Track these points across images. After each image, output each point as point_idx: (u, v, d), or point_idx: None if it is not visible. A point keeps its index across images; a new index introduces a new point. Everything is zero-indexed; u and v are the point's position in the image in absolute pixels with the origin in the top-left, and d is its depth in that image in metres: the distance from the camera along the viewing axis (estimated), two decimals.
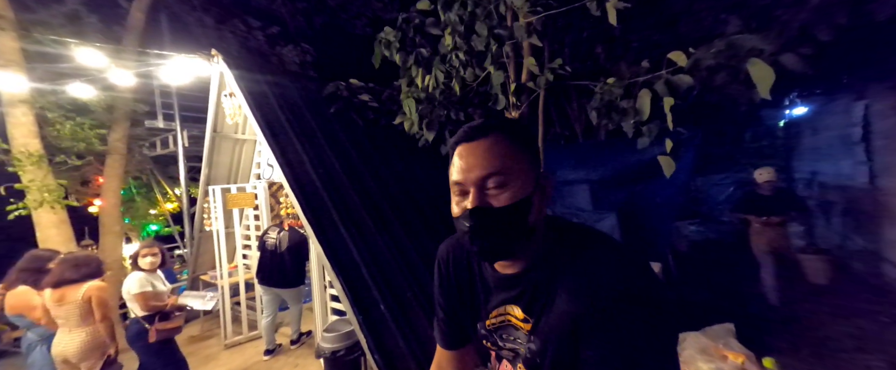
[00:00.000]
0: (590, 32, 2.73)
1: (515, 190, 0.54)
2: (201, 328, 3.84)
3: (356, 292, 2.19)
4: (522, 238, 0.55)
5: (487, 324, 0.66)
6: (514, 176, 0.54)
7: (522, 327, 0.60)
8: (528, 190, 0.54)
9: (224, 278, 3.39)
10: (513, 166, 0.54)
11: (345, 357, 2.21)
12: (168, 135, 5.59)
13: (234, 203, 3.30)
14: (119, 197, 4.20)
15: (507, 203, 0.53)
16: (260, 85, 2.96)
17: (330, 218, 2.46)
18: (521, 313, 0.60)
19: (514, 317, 0.62)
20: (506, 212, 0.53)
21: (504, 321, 0.64)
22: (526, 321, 0.59)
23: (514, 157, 0.55)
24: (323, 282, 2.81)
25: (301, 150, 2.71)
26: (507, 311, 0.63)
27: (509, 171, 0.54)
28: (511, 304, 0.62)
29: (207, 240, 3.86)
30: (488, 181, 0.54)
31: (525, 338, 0.60)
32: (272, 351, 3.15)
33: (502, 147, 0.55)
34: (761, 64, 1.27)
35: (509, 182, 0.54)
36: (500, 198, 0.54)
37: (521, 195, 0.54)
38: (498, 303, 0.64)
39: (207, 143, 3.52)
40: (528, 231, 0.55)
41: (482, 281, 0.67)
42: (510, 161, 0.54)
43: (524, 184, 0.54)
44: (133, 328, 2.20)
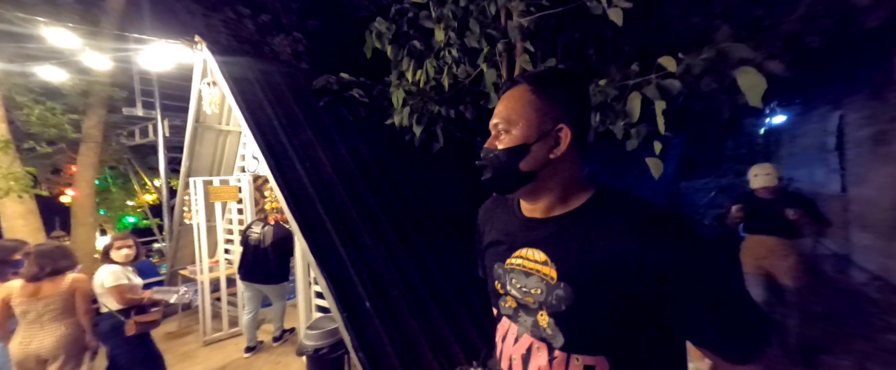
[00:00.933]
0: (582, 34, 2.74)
1: (512, 137, 0.61)
2: (179, 324, 3.71)
3: (341, 289, 2.15)
4: (515, 179, 0.61)
5: (506, 263, 0.67)
6: (516, 124, 0.61)
7: (541, 271, 0.60)
8: (528, 138, 0.60)
9: (204, 273, 3.29)
10: (518, 117, 0.61)
11: (328, 355, 2.18)
12: (147, 123, 5.38)
13: (216, 196, 3.19)
14: (93, 187, 4.02)
15: (502, 147, 0.62)
16: (246, 74, 2.86)
17: (316, 213, 2.41)
18: (542, 256, 0.60)
19: (532, 261, 0.62)
20: (500, 154, 0.62)
21: (520, 265, 0.64)
22: (545, 264, 0.59)
23: (525, 108, 0.61)
24: (308, 278, 2.75)
25: (288, 143, 2.64)
26: (525, 255, 0.63)
27: (511, 120, 0.61)
28: (532, 247, 0.62)
29: (187, 233, 3.73)
30: (498, 127, 0.63)
31: (539, 284, 0.60)
32: (253, 348, 3.07)
33: (517, 98, 0.62)
34: (752, 72, 1.29)
35: (510, 129, 0.61)
36: (501, 141, 0.62)
37: (516, 142, 0.60)
38: (520, 244, 0.65)
39: (189, 134, 3.39)
40: (521, 174, 0.60)
41: (512, 224, 0.69)
42: (517, 112, 0.61)
43: (525, 132, 0.60)
44: (106, 323, 2.10)
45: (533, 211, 0.66)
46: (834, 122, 3.51)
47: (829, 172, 3.63)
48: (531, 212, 0.66)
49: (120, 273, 2.12)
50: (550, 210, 0.63)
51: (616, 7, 1.61)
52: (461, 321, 2.52)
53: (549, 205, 0.63)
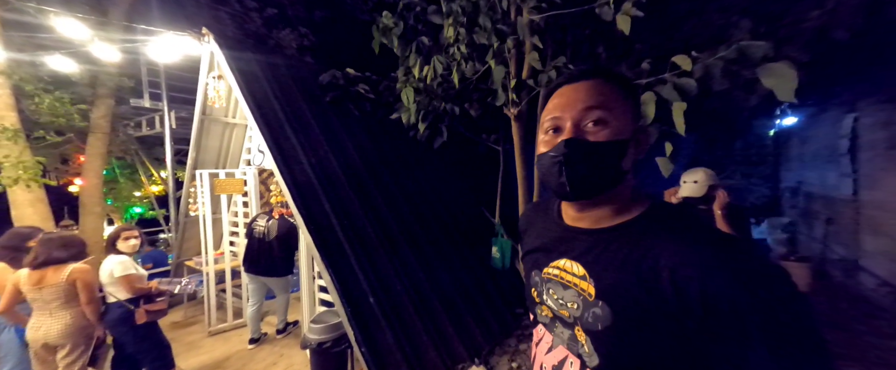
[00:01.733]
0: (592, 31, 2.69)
1: (614, 129, 0.54)
2: (184, 314, 3.76)
3: (345, 284, 2.16)
4: (612, 179, 0.54)
5: (543, 272, 0.63)
6: (615, 116, 0.54)
7: (578, 285, 0.56)
8: (626, 134, 0.54)
9: (209, 265, 3.32)
10: (614, 107, 0.54)
11: (331, 349, 2.19)
12: (154, 115, 5.41)
13: (222, 189, 3.21)
14: (101, 177, 4.06)
15: (606, 139, 0.53)
16: (253, 68, 2.85)
17: (321, 208, 2.41)
18: (581, 270, 0.56)
19: (570, 274, 0.58)
20: (602, 147, 0.53)
21: (558, 276, 0.60)
22: (584, 279, 0.55)
23: (616, 100, 0.55)
24: (312, 272, 2.77)
25: (294, 138, 2.64)
26: (563, 266, 0.59)
27: (610, 110, 0.54)
28: (573, 259, 0.58)
29: (193, 225, 3.76)
30: (588, 115, 0.54)
31: (576, 299, 0.56)
32: (257, 340, 3.10)
33: (605, 88, 0.55)
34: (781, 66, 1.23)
35: (609, 120, 0.54)
36: (599, 134, 0.54)
37: (620, 135, 0.54)
38: (559, 254, 0.61)
39: (196, 126, 3.40)
40: (620, 174, 0.54)
41: (553, 232, 0.65)
42: (612, 102, 0.54)
43: (623, 126, 0.54)
44: (115, 312, 2.13)
45: (578, 220, 0.60)
46: (848, 124, 3.44)
47: (840, 176, 3.57)
48: (575, 221, 0.61)
49: (128, 263, 2.15)
50: (599, 220, 0.58)
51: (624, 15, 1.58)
52: (465, 319, 2.52)
53: (602, 215, 0.57)
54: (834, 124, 3.68)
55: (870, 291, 3.11)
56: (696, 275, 0.46)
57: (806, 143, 4.43)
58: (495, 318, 2.69)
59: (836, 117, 3.64)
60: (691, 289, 0.45)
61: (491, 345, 2.52)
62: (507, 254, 2.61)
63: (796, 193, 4.58)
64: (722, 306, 0.44)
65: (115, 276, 2.10)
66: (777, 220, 4.55)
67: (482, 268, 2.88)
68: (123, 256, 2.15)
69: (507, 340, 2.62)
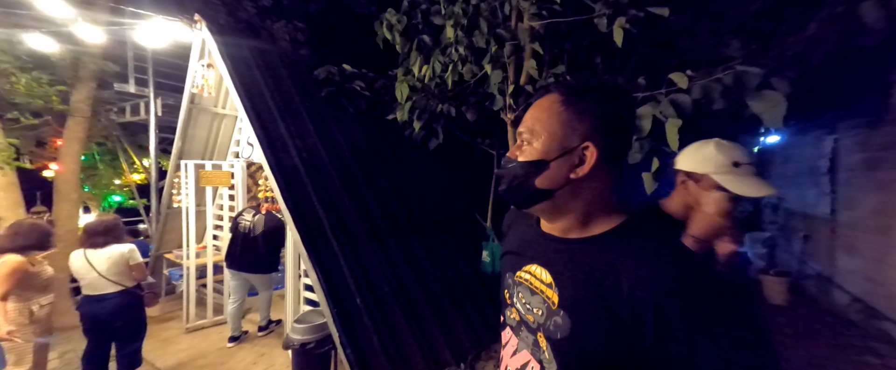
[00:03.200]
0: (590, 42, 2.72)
1: (532, 150, 0.57)
2: (162, 309, 3.64)
3: (332, 284, 2.12)
4: (530, 197, 0.57)
5: (516, 276, 0.64)
6: (538, 136, 0.56)
7: (545, 292, 0.57)
8: (548, 153, 0.56)
9: (191, 258, 3.21)
10: (542, 128, 0.56)
11: (315, 350, 2.14)
12: (140, 101, 5.23)
13: (207, 181, 3.12)
14: (79, 162, 3.88)
15: (522, 159, 0.58)
16: (245, 57, 2.78)
17: (310, 205, 2.36)
18: (548, 277, 0.57)
19: (538, 280, 0.59)
20: (517, 166, 0.58)
21: (528, 281, 0.61)
22: (550, 287, 0.56)
23: (551, 120, 0.56)
24: (298, 270, 2.71)
25: (285, 132, 2.58)
26: (533, 272, 0.61)
27: (535, 131, 0.57)
28: (542, 266, 0.59)
29: (175, 217, 3.64)
30: (521, 137, 0.59)
31: (541, 305, 0.57)
32: (237, 337, 3.02)
33: (544, 108, 0.57)
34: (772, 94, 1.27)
35: (532, 141, 0.57)
36: (522, 153, 0.58)
37: (536, 156, 0.56)
38: (531, 259, 0.62)
39: (183, 115, 3.29)
40: (535, 191, 0.56)
41: (529, 236, 0.67)
42: (542, 123, 0.57)
43: (546, 147, 0.56)
44: (124, 299, 2.12)
45: (551, 228, 0.62)
46: (828, 145, 3.57)
47: (819, 195, 3.70)
48: (549, 229, 0.62)
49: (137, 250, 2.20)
50: (569, 230, 0.59)
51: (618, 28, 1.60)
52: (451, 322, 2.50)
53: (566, 226, 0.59)
54: (815, 145, 3.82)
55: (843, 307, 3.23)
56: (650, 300, 0.46)
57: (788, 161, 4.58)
58: (483, 323, 2.69)
59: (818, 138, 3.77)
60: (646, 313, 0.46)
61: (477, 350, 2.51)
62: (497, 259, 2.61)
63: (777, 210, 4.73)
64: (675, 333, 0.45)
65: (133, 262, 2.14)
66: (758, 235, 4.69)
67: (472, 272, 2.87)
68: (131, 244, 2.18)
69: (493, 345, 2.61)
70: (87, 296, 2.08)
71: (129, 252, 2.14)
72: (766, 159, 5.36)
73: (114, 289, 2.09)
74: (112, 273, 2.08)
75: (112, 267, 2.08)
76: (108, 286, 2.07)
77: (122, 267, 2.11)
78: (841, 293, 3.31)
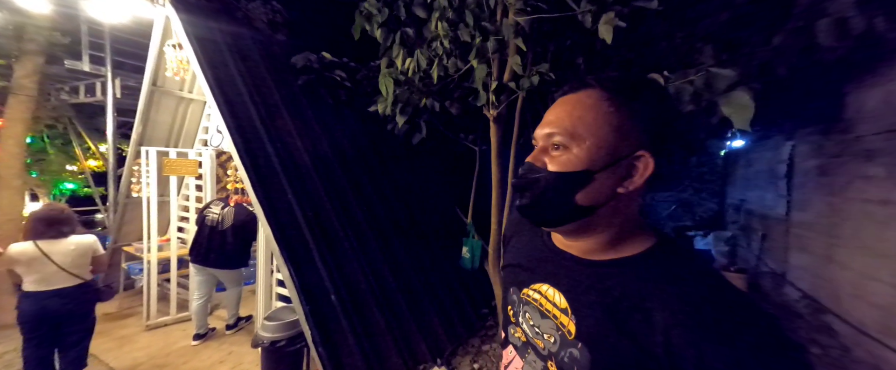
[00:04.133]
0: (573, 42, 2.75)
1: (574, 158, 0.47)
2: (119, 305, 3.40)
3: (305, 280, 2.04)
4: (564, 214, 0.48)
5: (523, 293, 0.57)
6: (581, 142, 0.46)
7: (559, 318, 0.50)
8: (594, 163, 0.46)
9: (152, 252, 3.01)
10: (586, 132, 0.46)
11: (286, 348, 2.06)
12: (96, 81, 4.80)
13: (171, 169, 2.91)
14: (24, 146, 3.53)
15: (557, 169, 0.48)
16: (215, 38, 2.60)
17: (284, 198, 2.25)
18: (563, 302, 0.50)
19: (551, 303, 0.52)
20: (552, 178, 0.48)
21: (537, 302, 0.54)
22: (565, 313, 0.49)
23: (595, 123, 0.46)
24: (270, 265, 2.59)
25: (258, 121, 2.44)
26: (545, 292, 0.53)
27: (577, 136, 0.46)
28: (556, 288, 0.52)
29: (135, 207, 3.39)
30: (552, 140, 0.48)
31: (554, 332, 0.50)
32: (203, 335, 2.87)
33: (586, 108, 0.47)
34: (741, 96, 1.32)
35: (572, 147, 0.47)
36: (556, 161, 0.48)
37: (578, 166, 0.46)
38: (542, 277, 0.54)
39: (144, 98, 3.05)
40: (575, 208, 0.47)
41: (539, 251, 0.58)
42: (586, 126, 0.46)
43: (592, 155, 0.46)
44: (81, 293, 1.98)
45: (567, 246, 0.54)
46: (786, 151, 3.81)
47: (777, 197, 3.96)
48: (566, 246, 0.54)
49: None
50: (591, 251, 0.51)
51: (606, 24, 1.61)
52: (430, 318, 2.49)
53: (591, 246, 0.51)
54: (775, 150, 4.07)
55: (793, 302, 3.49)
56: (693, 341, 0.40)
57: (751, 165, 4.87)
58: (461, 319, 2.69)
59: (777, 144, 4.02)
60: (687, 356, 0.40)
61: (455, 345, 2.51)
62: (476, 255, 2.61)
63: (739, 210, 5.03)
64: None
65: (99, 252, 2.03)
66: (721, 234, 4.98)
67: (451, 267, 2.86)
68: (92, 235, 2.07)
69: (470, 340, 2.63)
70: (36, 292, 1.88)
71: (93, 242, 2.03)
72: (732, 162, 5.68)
73: (72, 283, 1.93)
74: (74, 265, 1.93)
75: (77, 259, 1.93)
76: (66, 280, 1.91)
77: (86, 259, 1.98)
78: (792, 289, 3.57)
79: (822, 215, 3.18)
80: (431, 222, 3.06)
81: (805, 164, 3.54)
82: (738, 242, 4.80)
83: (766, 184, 4.21)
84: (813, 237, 3.29)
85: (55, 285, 1.89)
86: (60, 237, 1.91)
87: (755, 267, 4.26)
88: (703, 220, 6.11)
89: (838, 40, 1.96)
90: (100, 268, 2.08)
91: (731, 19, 2.24)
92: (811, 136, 3.45)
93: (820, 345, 2.85)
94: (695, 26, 2.36)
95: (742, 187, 5.09)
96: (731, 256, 4.69)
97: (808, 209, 3.42)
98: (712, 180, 6.23)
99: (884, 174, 2.45)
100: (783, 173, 3.82)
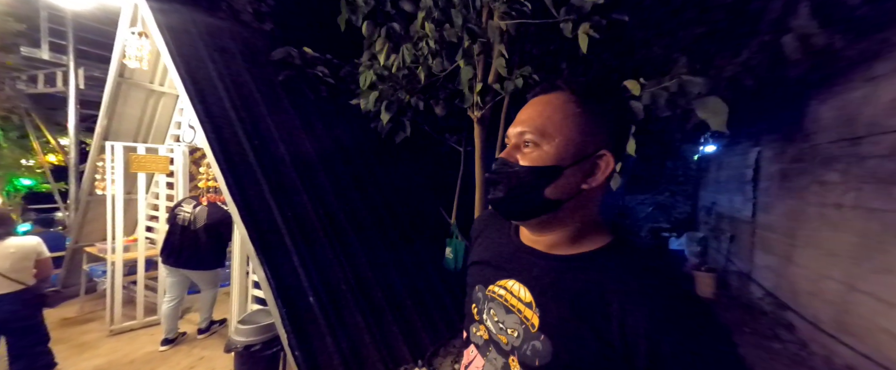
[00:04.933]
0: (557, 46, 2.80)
1: (544, 154, 0.50)
2: (80, 309, 3.19)
3: (282, 281, 1.98)
4: (535, 207, 0.51)
5: (488, 289, 0.58)
6: (551, 139, 0.50)
7: (523, 312, 0.52)
8: (562, 159, 0.49)
9: (117, 252, 2.84)
10: (555, 130, 0.50)
11: (260, 352, 1.99)
12: (56, 70, 4.50)
13: (140, 166, 2.76)
14: None
15: (528, 164, 0.51)
16: (187, 28, 2.48)
17: (261, 197, 2.18)
18: (528, 296, 0.52)
19: (515, 298, 0.54)
20: (523, 171, 0.51)
21: (502, 297, 0.56)
22: (529, 307, 0.51)
23: (564, 122, 0.50)
24: (245, 267, 2.50)
25: (234, 115, 2.35)
26: (510, 288, 0.55)
27: (546, 134, 0.50)
28: (521, 283, 0.54)
29: (98, 205, 3.20)
30: (524, 138, 0.52)
31: (517, 326, 0.52)
32: (173, 340, 2.73)
33: (557, 107, 0.51)
34: (715, 100, 1.39)
35: (542, 144, 0.50)
36: (527, 157, 0.51)
37: (548, 161, 0.50)
38: (508, 273, 0.56)
39: (109, 89, 2.88)
40: (543, 202, 0.50)
41: (505, 247, 0.60)
42: (556, 124, 0.50)
43: (560, 152, 0.49)
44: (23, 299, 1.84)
45: (535, 242, 0.56)
46: (753, 156, 4.03)
47: (744, 200, 4.18)
48: (531, 242, 0.57)
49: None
50: (555, 246, 0.54)
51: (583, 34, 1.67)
52: (411, 319, 2.47)
53: (555, 241, 0.54)
54: (743, 155, 4.30)
55: (757, 299, 3.69)
56: (644, 328, 0.44)
57: (721, 169, 5.12)
58: (443, 319, 2.68)
59: (745, 149, 4.25)
60: (639, 342, 0.44)
61: (436, 346, 2.51)
62: (460, 256, 2.61)
63: (710, 212, 5.28)
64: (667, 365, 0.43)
65: (43, 255, 1.91)
66: (694, 235, 5.21)
67: (433, 268, 2.85)
68: (36, 237, 1.95)
69: (452, 341, 2.62)
70: None
71: (37, 244, 1.90)
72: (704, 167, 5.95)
73: (11, 289, 1.80)
74: (14, 270, 1.80)
75: (16, 263, 1.80)
76: (5, 285, 1.78)
77: (28, 263, 1.85)
78: (756, 287, 3.77)
79: (783, 217, 3.39)
80: (415, 222, 3.04)
81: (769, 169, 3.76)
82: (709, 243, 5.03)
83: (735, 187, 4.44)
84: (775, 238, 3.50)
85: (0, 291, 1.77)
86: None
87: (724, 266, 4.48)
88: (677, 222, 6.38)
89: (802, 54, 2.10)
90: (44, 272, 1.95)
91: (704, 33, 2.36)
92: (775, 143, 3.66)
93: (780, 340, 3.03)
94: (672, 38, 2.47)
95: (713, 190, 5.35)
96: (703, 256, 4.91)
97: (772, 212, 3.63)
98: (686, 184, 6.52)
99: (837, 179, 2.64)
100: (750, 177, 4.04)
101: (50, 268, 1.98)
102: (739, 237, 4.29)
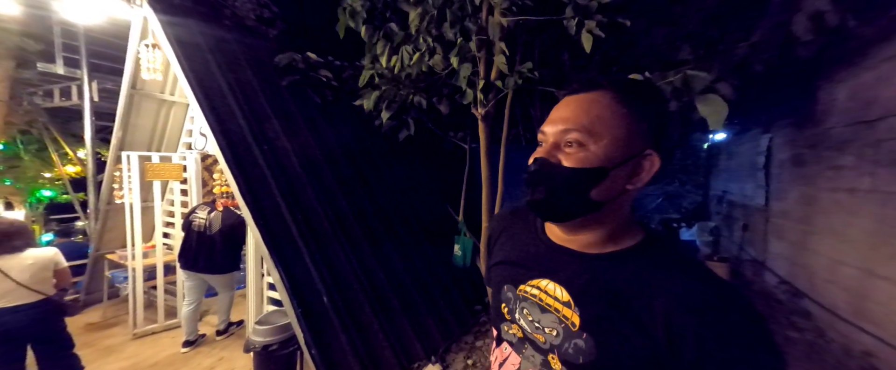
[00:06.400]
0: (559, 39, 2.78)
1: (591, 155, 0.48)
2: (103, 314, 3.31)
3: (296, 282, 2.03)
4: (578, 209, 0.50)
5: (518, 289, 0.58)
6: (598, 140, 0.48)
7: (561, 311, 0.52)
8: (609, 160, 0.48)
9: (137, 259, 2.94)
10: (602, 130, 0.48)
11: (278, 351, 2.05)
12: (70, 84, 4.64)
13: (154, 174, 2.85)
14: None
15: (574, 165, 0.49)
16: (196, 39, 2.54)
17: (273, 200, 2.23)
18: (566, 295, 0.52)
19: (552, 298, 0.53)
20: (569, 173, 0.49)
21: (536, 297, 0.55)
22: (568, 306, 0.51)
23: (611, 122, 0.48)
24: (260, 269, 2.57)
25: (243, 122, 2.41)
26: (544, 288, 0.54)
27: (594, 134, 0.48)
28: (556, 282, 0.53)
29: (117, 213, 3.31)
30: (567, 137, 0.49)
31: (555, 325, 0.52)
32: (193, 342, 2.82)
33: (602, 107, 0.49)
34: (716, 99, 1.38)
35: (588, 144, 0.48)
36: (572, 158, 0.49)
37: (595, 163, 0.48)
38: (540, 273, 0.56)
39: (123, 101, 2.97)
40: (587, 203, 0.49)
41: (533, 246, 0.60)
42: (602, 124, 0.48)
43: (608, 152, 0.48)
44: (44, 309, 1.89)
45: (567, 241, 0.55)
46: (764, 143, 3.95)
47: (756, 187, 4.10)
48: (562, 241, 0.56)
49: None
50: (589, 245, 0.53)
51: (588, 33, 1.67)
52: (423, 317, 2.51)
53: (590, 240, 0.53)
54: (754, 143, 4.21)
55: (772, 288, 3.63)
56: (691, 323, 0.44)
57: (732, 157, 5.03)
58: (454, 316, 2.72)
59: (756, 137, 4.17)
60: (687, 338, 0.44)
61: (448, 342, 2.54)
62: (468, 253, 2.64)
63: (721, 201, 5.19)
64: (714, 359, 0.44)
65: (61, 265, 1.96)
66: (705, 224, 5.14)
67: (443, 265, 2.88)
68: (54, 248, 2.00)
69: (464, 337, 2.66)
70: None
71: (54, 255, 1.95)
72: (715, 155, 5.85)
73: (33, 299, 1.85)
74: (35, 281, 1.85)
75: (36, 274, 1.86)
76: (26, 296, 1.84)
77: (48, 273, 1.90)
78: (771, 275, 3.71)
79: (796, 204, 3.32)
80: (422, 221, 3.07)
81: (781, 156, 3.68)
82: (722, 232, 4.96)
83: (747, 175, 4.35)
84: (789, 225, 3.43)
85: (13, 302, 1.82)
86: (14, 252, 1.82)
87: (737, 255, 4.42)
88: (688, 212, 6.29)
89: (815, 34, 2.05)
90: (64, 282, 1.99)
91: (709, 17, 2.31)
92: (786, 129, 3.58)
93: (797, 329, 2.99)
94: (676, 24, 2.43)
95: (724, 179, 5.26)
96: (715, 246, 4.84)
97: (785, 198, 3.56)
98: (696, 173, 6.41)
99: (851, 164, 2.57)
100: (762, 164, 3.96)
101: (69, 278, 2.02)
102: (752, 225, 4.22)
